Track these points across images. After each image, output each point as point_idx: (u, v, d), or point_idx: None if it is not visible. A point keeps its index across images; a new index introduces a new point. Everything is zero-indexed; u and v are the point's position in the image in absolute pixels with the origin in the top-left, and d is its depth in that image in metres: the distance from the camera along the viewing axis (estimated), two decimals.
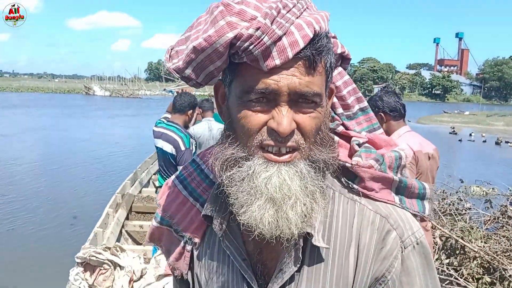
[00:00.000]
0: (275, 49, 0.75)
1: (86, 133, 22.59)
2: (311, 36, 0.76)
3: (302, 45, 0.75)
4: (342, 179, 0.91)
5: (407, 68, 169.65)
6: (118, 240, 5.33)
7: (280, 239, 0.80)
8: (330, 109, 0.94)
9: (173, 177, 1.06)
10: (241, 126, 0.80)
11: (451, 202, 7.50)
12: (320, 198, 0.81)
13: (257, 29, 0.73)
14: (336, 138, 0.94)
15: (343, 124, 0.98)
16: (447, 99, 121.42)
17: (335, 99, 0.97)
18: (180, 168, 4.17)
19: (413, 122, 34.61)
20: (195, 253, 1.00)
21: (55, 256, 6.63)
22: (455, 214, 6.60)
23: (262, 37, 0.73)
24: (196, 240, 0.97)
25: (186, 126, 4.43)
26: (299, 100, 0.78)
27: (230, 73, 0.83)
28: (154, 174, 8.70)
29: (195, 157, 1.05)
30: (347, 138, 0.95)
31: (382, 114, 2.99)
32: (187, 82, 0.85)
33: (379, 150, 0.94)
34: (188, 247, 0.99)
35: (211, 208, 0.90)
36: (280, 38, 0.75)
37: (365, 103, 1.00)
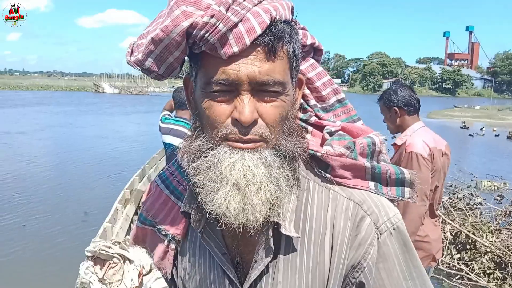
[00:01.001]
0: (231, 36, 0.75)
1: (102, 130, 22.77)
2: (268, 22, 0.76)
3: (259, 31, 0.75)
4: (315, 169, 0.90)
5: (417, 62, 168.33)
6: (127, 235, 5.36)
7: (252, 229, 0.80)
8: (301, 100, 0.95)
9: (156, 176, 1.07)
10: (206, 118, 0.80)
11: (462, 196, 7.46)
12: (284, 186, 0.81)
13: (212, 16, 0.73)
14: (310, 128, 0.94)
15: (316, 116, 0.97)
16: (458, 94, 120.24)
17: (307, 91, 0.96)
18: None
19: (423, 117, 34.15)
20: (179, 250, 1.01)
21: (65, 251, 6.70)
22: (466, 209, 6.56)
23: (217, 24, 0.74)
24: (179, 237, 0.98)
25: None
26: (262, 89, 0.77)
27: (194, 65, 0.83)
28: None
29: (177, 157, 1.04)
30: (321, 128, 0.94)
31: (396, 108, 2.93)
32: (148, 74, 0.84)
33: (354, 138, 0.93)
34: (172, 245, 1.00)
35: (188, 205, 0.90)
36: (236, 25, 0.75)
37: (343, 95, 0.99)
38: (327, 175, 0.89)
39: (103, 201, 8.48)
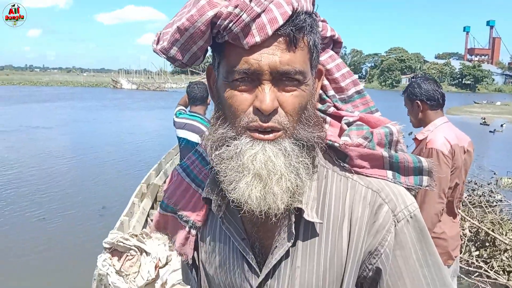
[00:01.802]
0: (254, 26, 0.77)
1: (124, 125, 23.17)
2: (290, 13, 0.78)
3: (281, 22, 0.77)
4: (334, 158, 0.93)
5: (436, 57, 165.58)
6: (143, 228, 5.40)
7: (274, 216, 0.83)
8: (320, 90, 0.97)
9: (177, 165, 1.10)
10: (228, 106, 0.83)
11: (481, 193, 7.33)
12: (304, 174, 0.84)
13: (236, 6, 0.76)
14: (328, 118, 0.96)
15: (335, 106, 0.99)
16: (478, 89, 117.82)
17: (326, 82, 0.99)
18: None
19: None
20: (199, 236, 1.04)
21: (83, 243, 6.81)
22: (486, 206, 6.45)
23: (240, 14, 0.76)
24: (199, 223, 1.01)
25: (205, 114, 4.41)
26: (282, 78, 0.80)
27: (217, 55, 0.86)
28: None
29: (197, 147, 1.08)
30: (339, 118, 0.97)
31: (418, 102, 2.87)
32: (173, 62, 0.88)
33: (372, 128, 0.94)
34: (193, 231, 1.03)
35: (210, 191, 0.93)
36: (259, 15, 0.77)
37: (361, 86, 1.01)
38: (346, 165, 0.92)
39: (121, 195, 8.58)
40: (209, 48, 0.88)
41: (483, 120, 29.07)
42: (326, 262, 0.88)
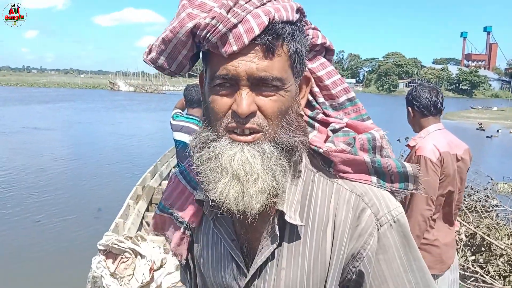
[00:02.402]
0: (231, 36, 0.80)
1: (125, 127, 23.09)
2: (266, 23, 0.80)
3: (257, 31, 0.80)
4: (320, 163, 0.95)
5: (433, 63, 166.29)
6: (138, 230, 5.39)
7: (251, 216, 0.86)
8: (310, 97, 1.00)
9: (175, 169, 1.12)
10: (211, 110, 0.87)
11: (477, 198, 7.34)
12: (280, 176, 0.86)
13: (213, 18, 0.80)
14: (316, 124, 0.98)
15: (324, 113, 1.00)
16: (475, 95, 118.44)
17: (316, 89, 1.00)
18: None
19: None
20: (194, 237, 1.07)
21: (78, 245, 6.78)
22: (482, 211, 6.46)
23: (217, 25, 0.80)
24: (194, 225, 1.04)
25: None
26: (260, 84, 0.83)
27: (204, 62, 0.90)
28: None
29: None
30: (327, 125, 0.99)
31: (409, 108, 2.88)
32: (162, 71, 0.92)
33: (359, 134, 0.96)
34: (188, 232, 1.06)
35: (202, 193, 0.95)
36: (235, 26, 0.80)
37: (353, 94, 1.02)
38: (331, 169, 0.94)
39: (117, 197, 8.55)
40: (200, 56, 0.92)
41: (480, 126, 29.21)
42: (310, 263, 0.90)
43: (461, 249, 5.28)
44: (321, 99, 1.01)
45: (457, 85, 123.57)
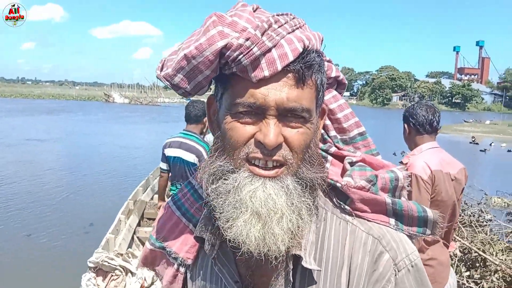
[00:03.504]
0: (264, 61, 0.75)
1: (116, 141, 22.93)
2: (301, 50, 0.76)
3: (291, 58, 0.75)
4: (334, 199, 0.88)
5: (426, 76, 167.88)
6: (130, 246, 5.32)
7: (270, 261, 0.79)
8: (322, 130, 0.95)
9: (169, 199, 1.05)
10: (228, 138, 0.80)
11: (471, 213, 7.33)
12: (306, 215, 0.80)
13: (247, 39, 0.74)
14: (330, 157, 0.93)
15: (336, 147, 0.97)
16: (468, 108, 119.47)
17: (328, 122, 0.97)
18: None
19: None
20: (189, 275, 0.99)
21: (68, 261, 6.67)
22: (476, 226, 6.44)
23: (251, 47, 0.74)
24: (189, 261, 0.96)
25: (201, 133, 4.36)
26: (288, 115, 0.77)
27: (221, 86, 0.83)
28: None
29: (190, 179, 1.04)
30: (340, 158, 0.94)
31: (405, 125, 2.89)
32: (176, 90, 0.85)
33: (375, 171, 0.92)
34: (182, 269, 0.98)
35: (203, 229, 0.89)
36: (269, 50, 0.75)
37: (363, 128, 0.99)
38: (346, 207, 0.88)
39: (109, 211, 8.46)
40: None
41: (473, 139, 29.37)
42: None
43: (455, 264, 5.25)
44: (332, 133, 0.98)
45: (450, 98, 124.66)
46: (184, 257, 0.97)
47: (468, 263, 5.44)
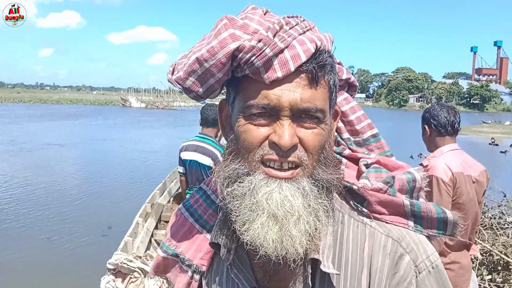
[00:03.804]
0: (276, 62, 0.75)
1: (133, 144, 23.20)
2: (313, 50, 0.77)
3: (304, 58, 0.76)
4: (351, 202, 0.87)
5: (443, 77, 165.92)
6: (147, 249, 5.35)
7: (288, 265, 0.78)
8: (335, 132, 0.94)
9: (180, 205, 1.05)
10: (242, 141, 0.80)
11: (492, 215, 7.20)
12: (324, 217, 0.79)
13: (259, 41, 0.75)
14: (344, 160, 0.92)
15: (350, 149, 0.96)
16: (486, 109, 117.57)
17: (340, 124, 0.96)
18: None
19: None
20: (203, 281, 0.97)
21: (87, 264, 6.75)
22: (497, 228, 6.33)
23: (264, 49, 0.75)
24: (204, 268, 0.95)
25: (215, 137, 4.37)
26: (302, 116, 0.78)
27: (233, 89, 0.84)
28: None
29: (202, 184, 1.03)
30: (355, 161, 0.93)
31: (426, 127, 2.84)
32: (188, 94, 0.85)
33: (391, 172, 0.90)
34: (196, 277, 0.97)
35: (218, 235, 0.88)
36: (282, 51, 0.76)
37: (376, 130, 0.98)
38: (364, 209, 0.87)
39: (127, 214, 8.54)
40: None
41: (492, 141, 28.84)
42: None
43: (476, 268, 5.16)
44: (345, 135, 0.97)
45: (468, 99, 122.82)
46: (199, 264, 0.96)
47: (490, 267, 5.34)
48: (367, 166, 0.91)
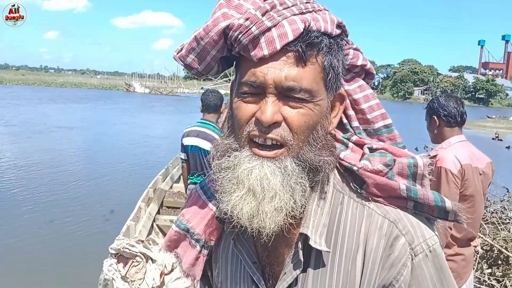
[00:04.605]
0: (263, 39, 0.78)
1: (137, 129, 23.32)
2: (301, 30, 0.78)
3: (291, 37, 0.77)
4: (351, 184, 0.88)
5: (449, 70, 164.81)
6: (149, 233, 5.40)
7: (285, 242, 0.84)
8: (345, 120, 0.95)
9: (196, 184, 1.10)
10: (235, 117, 0.84)
11: (494, 210, 7.20)
12: (299, 196, 0.81)
13: (246, 19, 0.78)
14: (350, 144, 0.92)
15: (357, 136, 0.96)
16: (491, 104, 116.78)
17: (351, 112, 0.95)
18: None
19: None
20: (213, 256, 1.02)
21: (90, 247, 6.80)
22: (498, 223, 6.33)
23: (250, 27, 0.77)
24: (212, 243, 0.98)
25: (216, 122, 4.39)
26: (287, 94, 0.79)
27: (235, 69, 0.89)
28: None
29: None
30: (362, 146, 0.93)
31: (435, 117, 2.81)
32: (189, 70, 0.89)
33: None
34: (205, 251, 1.00)
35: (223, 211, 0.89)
36: (269, 29, 0.78)
37: (390, 120, 0.97)
38: (363, 191, 0.87)
39: (130, 199, 8.59)
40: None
41: (496, 135, 28.72)
42: None
43: (477, 261, 5.18)
44: (355, 123, 0.96)
45: (473, 93, 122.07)
46: (207, 239, 0.99)
47: (490, 261, 5.35)
48: (372, 150, 0.91)
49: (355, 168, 0.86)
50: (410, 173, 0.86)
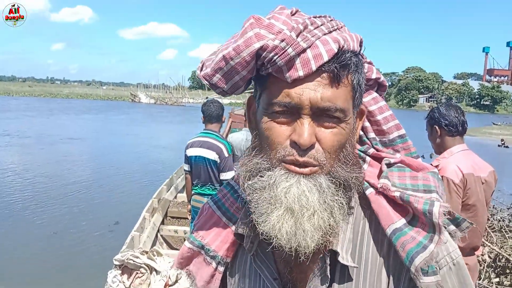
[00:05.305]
0: (298, 61, 0.77)
1: (142, 139, 23.41)
2: (336, 50, 0.77)
3: (326, 58, 0.77)
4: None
5: (454, 77, 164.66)
6: (153, 244, 5.39)
7: (303, 255, 0.80)
8: (361, 132, 0.97)
9: (209, 199, 1.08)
10: (266, 138, 0.82)
11: (501, 218, 7.13)
12: (338, 213, 0.80)
13: (282, 40, 0.76)
14: (368, 158, 0.92)
15: (375, 149, 0.96)
16: (497, 110, 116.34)
17: (367, 123, 0.97)
18: (223, 174, 4.16)
19: None
20: (228, 272, 1.00)
21: (94, 259, 6.79)
22: (505, 231, 6.27)
23: (286, 48, 0.76)
24: (228, 259, 0.97)
25: (218, 131, 4.41)
26: (322, 115, 0.79)
27: (259, 86, 0.86)
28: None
29: (229, 180, 1.06)
30: (379, 160, 0.93)
31: (436, 127, 2.82)
32: (214, 89, 0.88)
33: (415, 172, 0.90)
34: (221, 268, 0.99)
35: (242, 227, 0.90)
36: (304, 51, 0.77)
37: (404, 131, 0.98)
38: None
39: (134, 209, 8.59)
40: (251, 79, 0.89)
41: (502, 142, 28.56)
42: None
43: (484, 270, 5.12)
44: (371, 134, 0.98)
45: (478, 100, 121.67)
46: (224, 255, 0.97)
47: (498, 269, 5.29)
48: (389, 165, 0.91)
49: (373, 189, 0.87)
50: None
